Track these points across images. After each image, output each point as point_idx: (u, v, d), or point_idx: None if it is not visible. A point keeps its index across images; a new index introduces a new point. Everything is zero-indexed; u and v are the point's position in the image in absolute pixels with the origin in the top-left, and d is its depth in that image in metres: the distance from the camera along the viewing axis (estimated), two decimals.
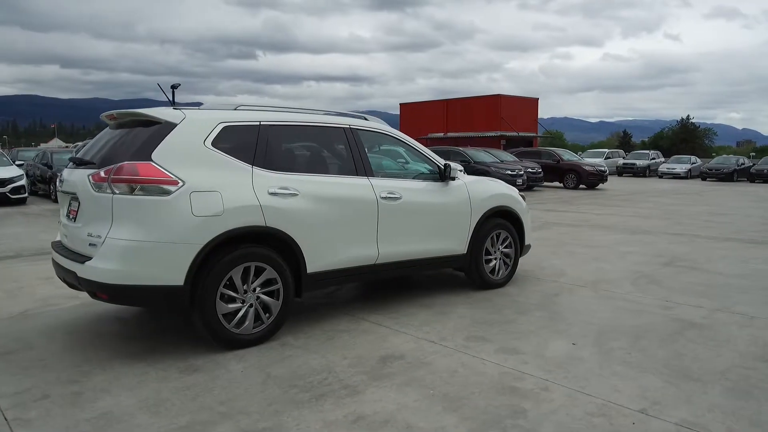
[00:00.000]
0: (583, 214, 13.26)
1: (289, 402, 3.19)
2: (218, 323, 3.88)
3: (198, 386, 3.40)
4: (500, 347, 4.10)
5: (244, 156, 4.10)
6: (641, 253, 8.01)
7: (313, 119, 4.67)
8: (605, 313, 4.99)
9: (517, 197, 6.07)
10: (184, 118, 3.95)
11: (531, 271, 6.72)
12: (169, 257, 3.68)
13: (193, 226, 3.73)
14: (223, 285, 3.89)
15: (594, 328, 4.56)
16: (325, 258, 4.41)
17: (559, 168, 22.32)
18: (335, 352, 3.98)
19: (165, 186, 3.69)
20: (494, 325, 4.61)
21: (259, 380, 3.49)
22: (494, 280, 5.81)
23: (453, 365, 3.74)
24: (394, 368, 3.69)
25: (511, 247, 5.96)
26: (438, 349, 4.04)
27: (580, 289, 5.84)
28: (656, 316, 4.91)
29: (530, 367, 3.71)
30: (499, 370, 3.66)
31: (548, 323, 4.68)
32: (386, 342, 4.19)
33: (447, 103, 36.39)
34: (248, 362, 3.77)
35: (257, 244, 4.05)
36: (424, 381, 3.48)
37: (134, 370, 3.65)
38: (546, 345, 4.15)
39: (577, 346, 4.13)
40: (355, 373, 3.61)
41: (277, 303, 4.16)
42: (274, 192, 4.11)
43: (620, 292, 5.71)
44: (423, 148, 5.41)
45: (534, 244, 8.56)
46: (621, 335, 4.38)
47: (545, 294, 5.64)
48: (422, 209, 5.08)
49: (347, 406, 3.14)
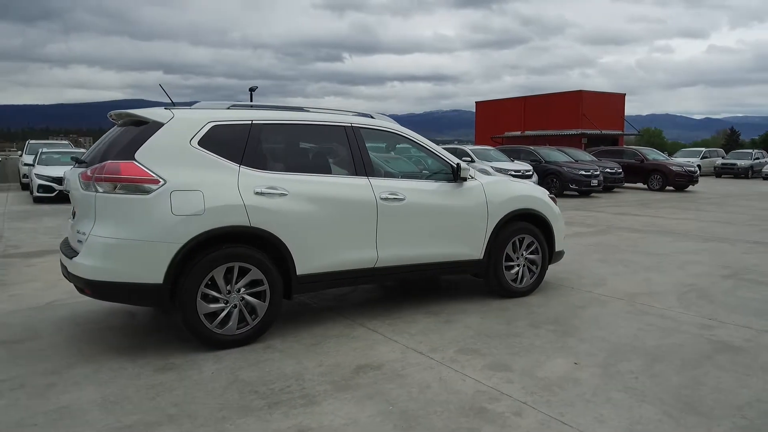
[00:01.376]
0: (657, 218, 12.25)
1: (240, 408, 3.10)
2: (199, 323, 3.87)
3: (163, 385, 3.40)
4: (491, 362, 3.78)
5: (232, 155, 4.07)
6: (705, 263, 7.22)
7: (311, 118, 4.56)
8: (630, 330, 4.49)
9: (546, 199, 5.64)
10: (172, 117, 3.97)
11: (567, 279, 6.24)
12: (148, 255, 3.71)
13: (172, 225, 3.74)
14: (205, 285, 3.87)
15: (608, 346, 4.11)
16: (316, 260, 4.29)
17: (642, 168, 20.85)
18: (314, 358, 3.85)
19: (145, 185, 3.72)
20: (496, 338, 4.28)
21: (224, 383, 3.43)
22: (516, 288, 5.43)
23: (429, 380, 3.49)
24: (365, 379, 3.50)
25: (538, 254, 5.54)
26: (422, 361, 3.80)
27: (614, 302, 5.32)
28: (689, 335, 4.35)
29: (513, 387, 3.38)
30: (476, 388, 3.37)
31: (558, 338, 4.28)
32: (372, 350, 4.00)
33: (525, 101, 35.09)
34: (223, 364, 3.73)
35: (241, 245, 4.00)
36: (389, 395, 3.27)
37: (114, 364, 3.72)
38: (544, 363, 3.79)
39: (579, 366, 3.73)
40: (323, 382, 3.45)
41: (263, 304, 4.10)
42: (260, 192, 4.04)
43: (658, 307, 5.14)
44: (435, 147, 5.15)
45: (585, 251, 8.02)
46: (637, 356, 3.91)
47: (570, 305, 5.19)
48: (429, 211, 4.83)
49: (296, 417, 3.00)
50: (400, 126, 5.05)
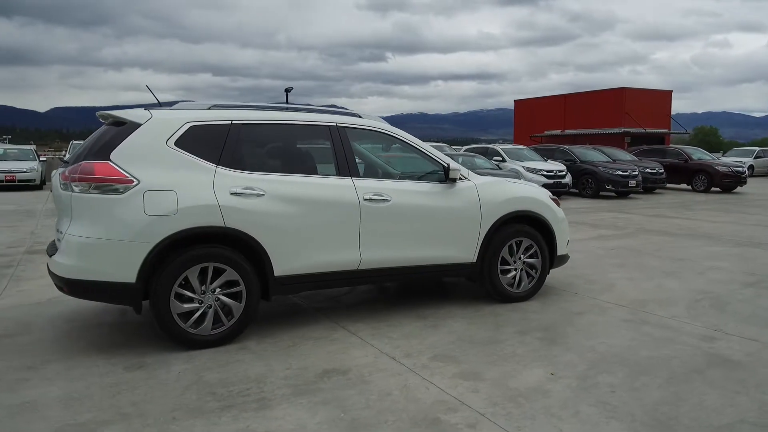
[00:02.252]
0: (694, 221, 11.67)
1: (192, 410, 3.08)
2: (173, 322, 3.89)
3: (128, 384, 3.43)
4: (463, 370, 3.65)
5: (210, 155, 4.07)
6: (730, 269, 6.80)
7: (294, 117, 4.52)
8: (623, 339, 4.26)
9: (546, 201, 5.42)
10: (149, 118, 4.01)
11: (574, 284, 6.00)
12: (121, 255, 3.75)
13: (144, 225, 3.77)
14: (179, 284, 3.89)
15: (594, 356, 3.90)
16: (295, 261, 4.24)
17: (687, 168, 19.95)
18: (284, 360, 3.80)
19: (119, 185, 3.77)
20: (478, 345, 4.13)
21: (186, 384, 3.43)
22: (513, 293, 5.24)
23: (392, 387, 3.39)
24: (327, 384, 3.43)
25: (537, 258, 5.34)
26: (392, 367, 3.70)
27: (615, 310, 5.06)
28: (686, 348, 4.09)
29: (477, 397, 3.25)
30: (438, 398, 3.24)
31: (543, 347, 4.10)
32: (345, 354, 3.93)
33: (565, 99, 34.11)
34: (192, 364, 3.74)
35: (216, 245, 4.00)
36: (346, 402, 3.19)
37: (89, 362, 3.78)
38: (520, 372, 3.62)
39: (555, 377, 3.55)
40: (285, 385, 3.41)
41: (239, 305, 4.09)
42: (236, 192, 4.03)
43: (662, 316, 4.85)
44: (426, 147, 5.02)
45: (604, 254, 7.70)
46: (622, 368, 3.69)
47: (567, 312, 4.97)
48: (417, 212, 4.71)
49: (244, 420, 2.96)
50: (389, 126, 4.95)
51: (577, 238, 9.22)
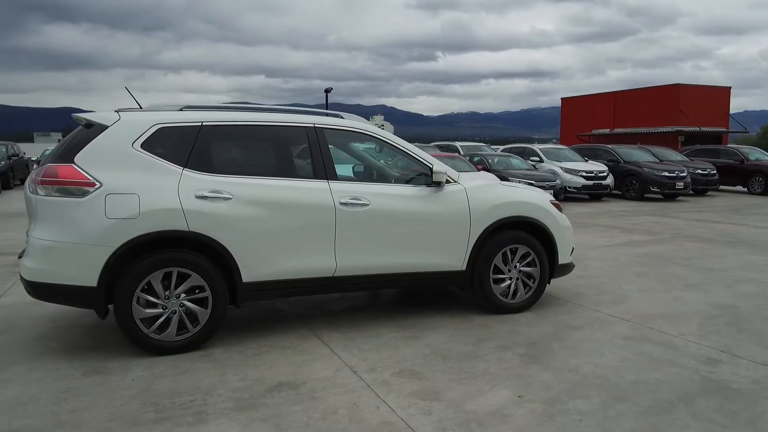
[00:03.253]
0: (739, 226, 10.87)
1: (128, 421, 2.99)
2: (135, 327, 3.83)
3: (78, 390, 3.38)
4: (424, 388, 3.41)
5: (177, 158, 3.99)
6: (763, 282, 6.23)
7: (270, 119, 4.38)
8: (613, 359, 3.90)
9: (546, 207, 5.07)
10: (117, 120, 3.96)
11: (582, 294, 5.62)
12: (82, 258, 3.71)
13: (105, 229, 3.72)
14: (141, 289, 3.82)
15: (574, 378, 3.58)
16: (265, 267, 4.11)
17: (742, 169, 18.73)
18: (242, 371, 3.67)
19: (81, 188, 3.73)
20: (451, 360, 3.88)
21: (134, 392, 3.34)
22: (507, 303, 4.94)
23: (341, 405, 3.19)
24: (275, 399, 3.27)
25: (535, 266, 5.01)
26: (349, 382, 3.50)
27: (617, 325, 4.68)
28: (683, 371, 3.70)
29: (426, 420, 3.01)
30: (386, 419, 3.03)
31: (522, 364, 3.80)
32: (307, 366, 3.76)
33: (615, 96, 32.65)
34: (150, 371, 3.66)
35: (180, 249, 3.92)
36: (285, 420, 3.02)
37: (52, 365, 3.76)
38: (484, 393, 3.36)
39: (522, 400, 3.27)
40: (230, 399, 3.27)
41: (204, 311, 3.99)
42: (202, 195, 3.93)
43: (668, 333, 4.45)
44: (412, 148, 4.78)
45: (627, 262, 7.22)
46: (600, 393, 3.37)
47: (563, 326, 4.63)
48: (398, 217, 4.49)
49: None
50: (371, 126, 4.74)
51: (601, 243, 8.73)
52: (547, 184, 14.27)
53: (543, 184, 14.19)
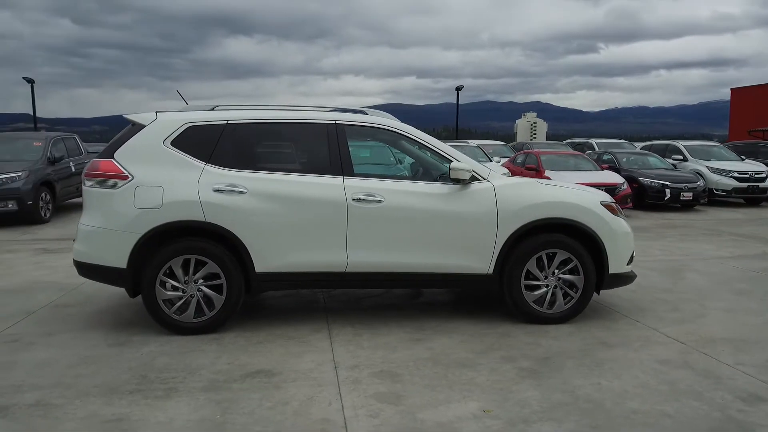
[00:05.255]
0: None
1: (111, 389, 3.31)
2: (158, 307, 4.22)
3: (94, 358, 3.81)
4: (389, 391, 3.30)
5: (201, 154, 4.31)
6: None
7: (291, 116, 4.51)
8: (627, 384, 3.42)
9: (593, 208, 4.55)
10: (154, 120, 4.38)
11: (649, 310, 4.98)
12: (114, 242, 4.19)
13: (133, 217, 4.15)
14: (164, 273, 4.20)
15: (562, 399, 3.21)
16: (277, 259, 4.27)
17: None
18: (236, 356, 3.85)
19: (116, 180, 4.21)
20: (441, 366, 3.70)
21: (136, 365, 3.69)
22: (543, 313, 4.55)
23: (297, 397, 3.22)
24: (242, 385, 3.40)
25: (578, 274, 4.54)
26: (324, 377, 3.51)
27: (664, 346, 4.07)
28: (705, 407, 3.12)
29: (369, 423, 2.93)
30: (330, 416, 3.00)
31: (513, 378, 3.50)
32: (296, 357, 3.83)
33: None
34: (161, 348, 4.00)
35: (199, 239, 4.22)
36: (236, 405, 3.13)
37: (90, 335, 4.26)
38: (448, 404, 3.16)
39: (485, 415, 3.02)
40: (207, 380, 3.46)
41: (220, 297, 4.26)
42: (219, 189, 4.20)
43: (721, 362, 3.77)
44: (439, 144, 4.59)
45: (737, 277, 6.26)
46: (579, 419, 2.99)
47: (596, 342, 4.15)
48: (415, 215, 4.36)
49: (135, 406, 3.10)
50: (397, 122, 4.66)
51: (717, 254, 7.60)
52: (685, 186, 12.71)
53: (679, 186, 12.69)
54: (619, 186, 11.94)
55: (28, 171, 9.97)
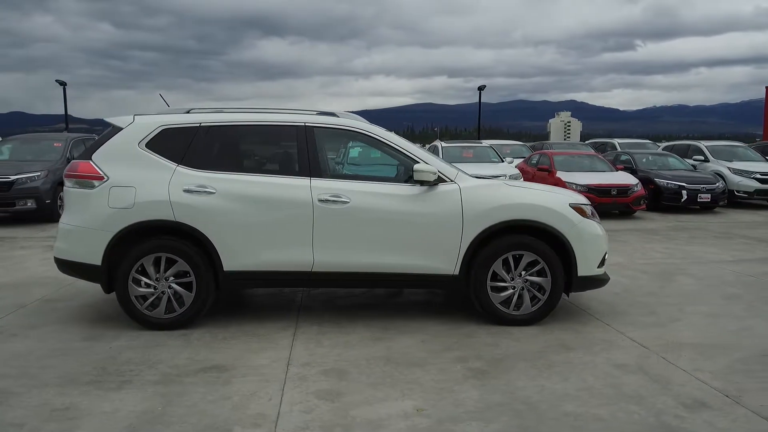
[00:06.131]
0: None
1: (70, 380, 3.48)
2: (131, 303, 4.39)
3: (65, 351, 3.99)
4: (331, 389, 3.38)
5: (174, 155, 4.46)
6: None
7: (263, 119, 4.63)
8: (570, 387, 3.41)
9: (562, 211, 4.52)
10: (131, 123, 4.56)
11: (623, 313, 4.93)
12: (90, 240, 4.38)
13: (107, 216, 4.33)
14: (136, 270, 4.37)
15: (498, 400, 3.23)
16: (244, 257, 4.39)
17: None
18: (197, 352, 3.98)
19: (92, 181, 4.40)
20: (392, 365, 3.76)
21: (100, 358, 3.86)
22: (510, 314, 4.55)
23: (241, 392, 3.33)
24: (193, 379, 3.52)
25: (546, 276, 4.52)
26: (274, 373, 3.61)
27: (623, 350, 4.04)
28: (643, 412, 3.11)
29: (300, 418, 3.01)
30: (264, 411, 3.10)
31: (457, 379, 3.54)
32: (254, 354, 3.94)
33: None
34: (130, 342, 4.16)
35: (169, 237, 4.38)
36: (181, 398, 3.25)
37: (70, 329, 4.47)
38: (384, 401, 3.22)
39: (418, 414, 3.07)
40: (161, 373, 3.60)
41: (189, 294, 4.41)
42: (189, 189, 4.35)
43: (677, 367, 3.72)
44: (407, 146, 4.64)
45: (731, 281, 6.15)
46: (508, 419, 3.01)
47: (555, 345, 4.14)
48: (381, 216, 4.42)
49: (86, 396, 3.26)
50: (366, 124, 4.73)
51: (718, 258, 7.41)
52: (703, 187, 12.39)
53: (697, 187, 12.37)
54: (632, 187, 11.73)
55: (47, 171, 10.40)
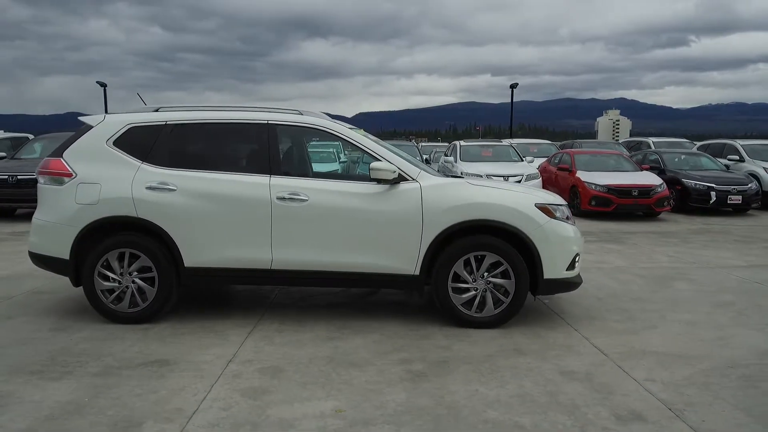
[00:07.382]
0: None
1: (19, 369, 3.60)
2: (96, 297, 4.51)
3: (30, 340, 4.14)
4: (261, 386, 3.38)
5: (139, 153, 4.56)
6: None
7: (227, 117, 4.66)
8: (504, 393, 3.29)
9: (526, 211, 4.37)
10: (101, 121, 4.69)
11: (597, 318, 4.75)
12: (58, 235, 4.52)
13: (74, 212, 4.46)
14: (101, 265, 4.49)
15: (422, 404, 3.16)
16: (204, 254, 4.44)
17: None
18: (149, 346, 4.04)
19: (62, 177, 4.54)
20: (333, 365, 3.72)
21: (57, 348, 3.97)
22: (471, 316, 4.44)
23: (172, 386, 3.37)
24: (132, 372, 3.59)
25: (509, 278, 4.39)
26: (211, 369, 3.63)
27: (579, 357, 3.87)
28: (570, 422, 2.96)
29: (215, 414, 3.02)
30: (183, 406, 3.12)
31: (391, 381, 3.47)
32: (202, 350, 3.98)
33: None
34: (92, 334, 4.27)
35: (132, 233, 4.48)
36: (109, 391, 3.31)
37: (43, 321, 4.62)
38: (308, 401, 3.20)
39: (336, 415, 3.03)
40: (105, 365, 3.68)
41: (152, 289, 4.50)
42: (151, 186, 4.43)
43: (628, 376, 3.54)
44: (369, 144, 4.58)
45: (731, 288, 5.76)
46: (424, 423, 2.93)
47: (508, 349, 4.00)
48: (339, 214, 4.38)
49: (23, 385, 3.36)
50: (329, 122, 4.69)
51: (725, 263, 7.06)
52: (734, 189, 11.79)
53: (727, 188, 11.79)
54: (655, 188, 11.28)
55: None
